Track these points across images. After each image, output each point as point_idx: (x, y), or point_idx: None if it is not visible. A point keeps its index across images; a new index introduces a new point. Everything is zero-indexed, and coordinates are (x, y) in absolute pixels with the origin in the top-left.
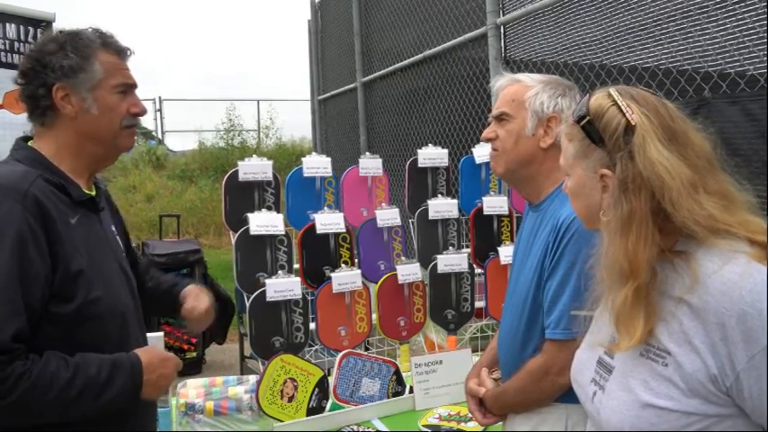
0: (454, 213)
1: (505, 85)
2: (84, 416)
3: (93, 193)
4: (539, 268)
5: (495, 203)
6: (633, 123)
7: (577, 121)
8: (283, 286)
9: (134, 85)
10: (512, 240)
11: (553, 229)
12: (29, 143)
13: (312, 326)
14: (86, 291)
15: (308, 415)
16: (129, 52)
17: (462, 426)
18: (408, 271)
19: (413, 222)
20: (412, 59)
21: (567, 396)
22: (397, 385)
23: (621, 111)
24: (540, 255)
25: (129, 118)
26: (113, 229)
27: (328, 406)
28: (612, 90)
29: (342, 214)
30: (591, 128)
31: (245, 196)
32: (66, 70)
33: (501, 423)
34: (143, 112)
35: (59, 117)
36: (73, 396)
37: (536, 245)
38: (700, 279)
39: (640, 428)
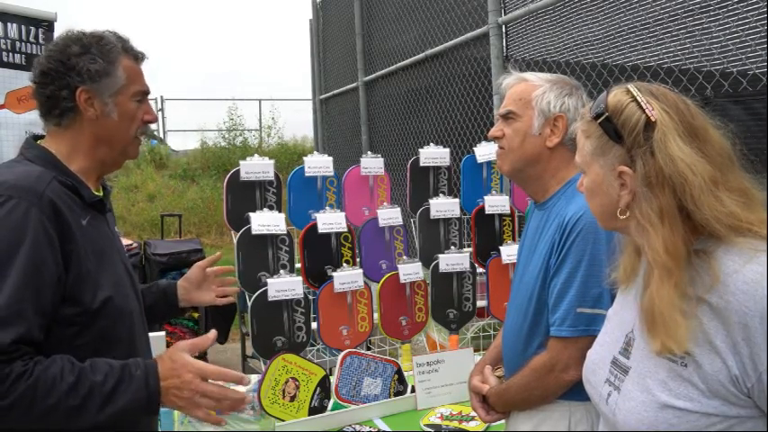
0: (456, 213)
1: (512, 84)
2: (94, 425)
3: (101, 194)
4: (544, 266)
5: (496, 203)
6: (653, 120)
7: (595, 117)
8: (285, 286)
9: (149, 93)
10: (513, 240)
11: (559, 228)
12: (38, 142)
13: (314, 325)
14: (98, 291)
15: (309, 414)
16: (143, 57)
17: (464, 425)
18: (410, 270)
19: (414, 222)
20: (413, 59)
21: (570, 394)
22: (399, 384)
23: (641, 107)
24: (545, 253)
25: (142, 126)
26: (117, 230)
27: (330, 405)
28: (631, 86)
29: (343, 214)
30: (609, 124)
31: (246, 196)
32: (92, 74)
33: (503, 421)
34: (155, 120)
35: (78, 119)
36: (77, 402)
37: (541, 243)
38: (720, 278)
39: (659, 429)
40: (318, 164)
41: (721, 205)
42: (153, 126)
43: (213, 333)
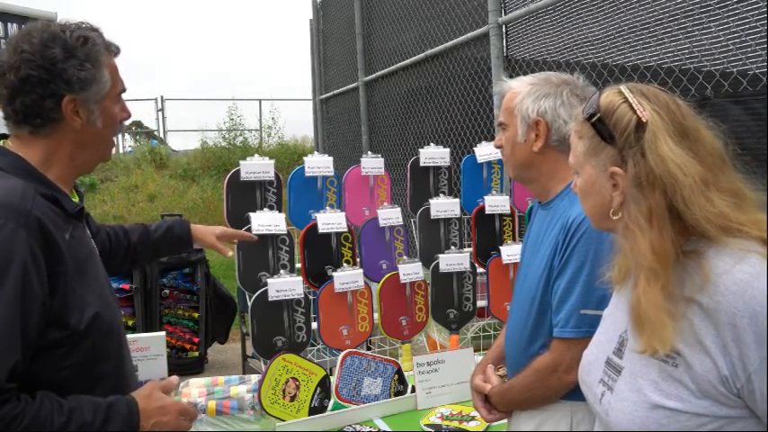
0: (456, 212)
1: (504, 93)
2: None
3: (77, 199)
4: (548, 266)
5: (496, 202)
6: (644, 120)
7: (588, 118)
8: (285, 286)
9: (126, 90)
10: (514, 240)
11: (563, 228)
12: (3, 143)
13: (314, 325)
14: (85, 310)
15: (310, 414)
16: (119, 50)
17: (464, 425)
18: (410, 270)
19: (414, 222)
20: (414, 59)
21: (573, 394)
22: (399, 384)
23: (632, 108)
24: (549, 253)
25: (119, 127)
26: (88, 231)
27: (330, 405)
28: (623, 87)
29: (343, 214)
30: (601, 125)
31: (246, 196)
32: (82, 83)
33: (505, 421)
34: (130, 116)
35: (60, 127)
36: None
37: (545, 243)
38: (711, 279)
39: (649, 429)
40: (319, 164)
41: (712, 206)
42: (153, 126)
43: (176, 378)
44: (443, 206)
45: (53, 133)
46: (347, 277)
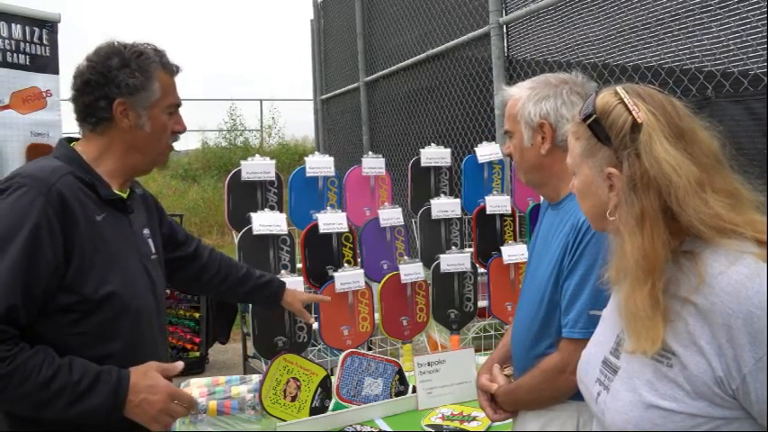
0: (457, 213)
1: (506, 101)
2: (59, 417)
3: (125, 194)
4: (557, 267)
5: (497, 203)
6: (640, 121)
7: (584, 119)
8: None
9: (180, 105)
10: (514, 240)
11: (573, 229)
12: (73, 144)
13: (315, 325)
14: (102, 285)
15: (310, 414)
16: (178, 70)
17: (465, 425)
18: (411, 270)
19: (415, 222)
20: (414, 59)
21: (579, 394)
22: (400, 385)
23: (628, 109)
24: (558, 253)
25: (172, 137)
26: (146, 231)
27: (331, 405)
28: (619, 88)
29: (344, 214)
30: (597, 126)
31: (247, 196)
32: (130, 87)
33: (508, 421)
34: (185, 129)
35: (112, 127)
36: (47, 395)
37: (554, 243)
38: (706, 279)
39: (644, 429)
40: (319, 164)
41: (706, 207)
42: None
43: (180, 364)
44: (444, 206)
45: (107, 132)
46: (348, 277)
